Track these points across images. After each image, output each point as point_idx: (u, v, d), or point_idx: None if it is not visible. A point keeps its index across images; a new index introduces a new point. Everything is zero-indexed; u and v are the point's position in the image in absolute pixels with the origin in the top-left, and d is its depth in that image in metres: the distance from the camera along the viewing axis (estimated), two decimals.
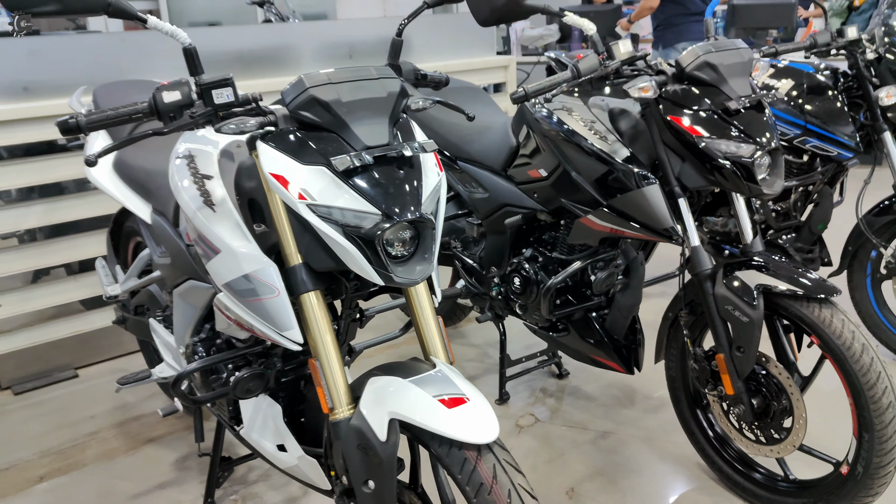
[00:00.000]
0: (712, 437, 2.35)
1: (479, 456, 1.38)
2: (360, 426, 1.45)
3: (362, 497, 1.48)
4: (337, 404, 1.51)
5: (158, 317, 2.34)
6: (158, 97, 1.47)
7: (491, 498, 1.34)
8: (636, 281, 2.42)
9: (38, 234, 3.16)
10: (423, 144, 1.49)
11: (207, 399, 1.87)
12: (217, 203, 1.59)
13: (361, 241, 1.40)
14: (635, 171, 2.11)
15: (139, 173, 2.27)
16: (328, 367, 1.52)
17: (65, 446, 2.72)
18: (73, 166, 3.13)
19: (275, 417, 1.86)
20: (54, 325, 3.25)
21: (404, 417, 1.41)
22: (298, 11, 6.24)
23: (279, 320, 1.53)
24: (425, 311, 1.64)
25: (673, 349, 2.36)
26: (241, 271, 1.54)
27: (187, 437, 2.75)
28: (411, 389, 1.44)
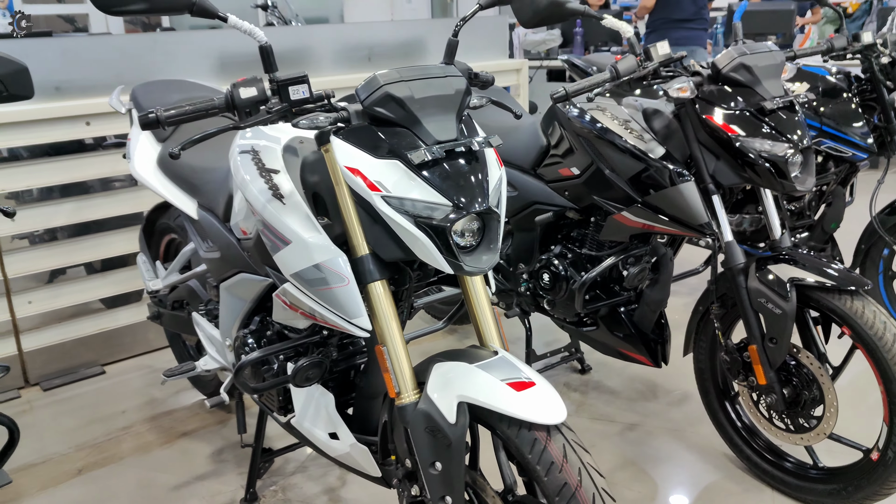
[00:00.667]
0: (740, 428, 2.42)
1: (549, 436, 1.44)
2: (427, 409, 1.51)
3: (429, 478, 1.53)
4: (403, 389, 1.57)
5: (201, 310, 2.39)
6: (235, 93, 1.53)
7: (562, 476, 1.40)
8: (665, 276, 2.49)
9: (58, 233, 3.19)
10: (488, 139, 1.55)
11: (268, 387, 1.92)
12: (286, 196, 1.65)
13: (432, 231, 1.47)
14: (671, 168, 2.18)
15: (185, 170, 2.32)
16: (395, 353, 1.58)
17: (99, 440, 2.76)
18: (102, 165, 3.18)
19: (327, 406, 1.92)
20: (80, 323, 3.28)
21: (473, 400, 1.47)
22: (301, 15, 6.30)
23: (349, 308, 1.58)
24: (481, 301, 1.71)
25: (702, 342, 2.44)
26: (311, 261, 1.60)
27: (220, 430, 2.80)
28: (479, 374, 1.50)
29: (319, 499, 2.39)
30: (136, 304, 3.39)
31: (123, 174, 3.26)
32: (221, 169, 2.19)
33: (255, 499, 2.37)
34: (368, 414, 1.98)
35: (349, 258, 1.59)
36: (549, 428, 1.45)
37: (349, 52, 3.82)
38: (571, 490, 1.39)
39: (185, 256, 2.44)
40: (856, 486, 2.11)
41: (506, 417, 1.46)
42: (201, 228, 2.25)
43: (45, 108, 2.98)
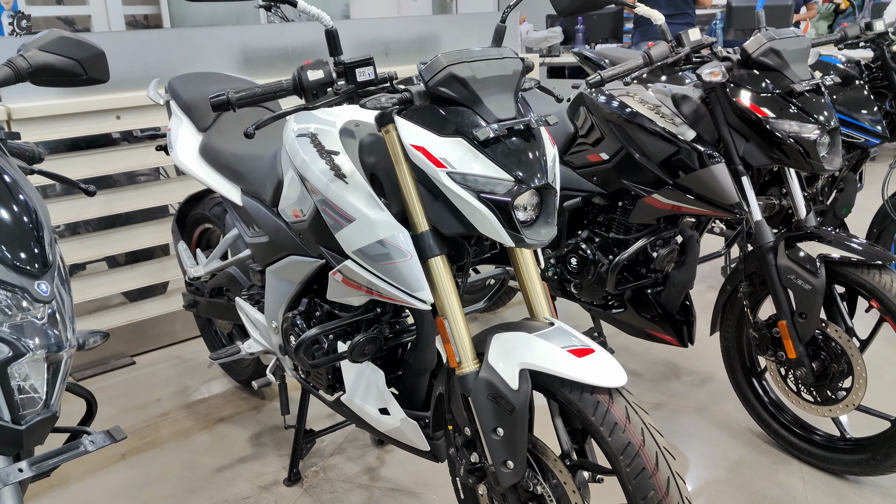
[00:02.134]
0: (767, 403, 2.51)
1: (611, 399, 1.51)
2: (489, 378, 1.58)
3: (492, 444, 1.60)
4: (464, 359, 1.64)
5: (244, 295, 2.45)
6: (303, 76, 1.60)
7: (625, 436, 1.48)
8: (692, 257, 2.57)
9: (91, 226, 3.24)
10: (545, 118, 1.62)
11: (325, 362, 1.98)
12: (348, 175, 1.71)
13: (494, 205, 1.54)
14: (703, 150, 2.26)
15: (228, 158, 2.38)
16: (455, 325, 1.65)
17: (138, 426, 2.82)
18: (132, 159, 3.23)
19: (377, 382, 1.98)
20: (109, 314, 3.33)
21: (536, 367, 1.54)
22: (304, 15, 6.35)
23: (411, 282, 1.65)
24: (532, 276, 1.78)
25: (729, 321, 2.52)
26: (375, 237, 1.66)
27: (256, 416, 2.85)
28: (539, 342, 1.57)
29: (361, 478, 2.45)
30: (162, 296, 3.44)
31: (150, 167, 3.31)
32: (267, 156, 2.25)
33: (298, 478, 2.43)
34: (416, 390, 2.04)
35: (410, 235, 1.66)
36: (610, 391, 1.52)
37: (366, 47, 3.88)
38: (635, 449, 1.47)
39: (227, 243, 2.50)
40: (884, 455, 2.19)
41: (568, 382, 1.54)
42: (246, 214, 2.30)
43: (76, 102, 3.03)
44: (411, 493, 2.36)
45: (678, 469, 1.49)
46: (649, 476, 1.45)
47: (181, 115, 2.59)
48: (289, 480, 2.42)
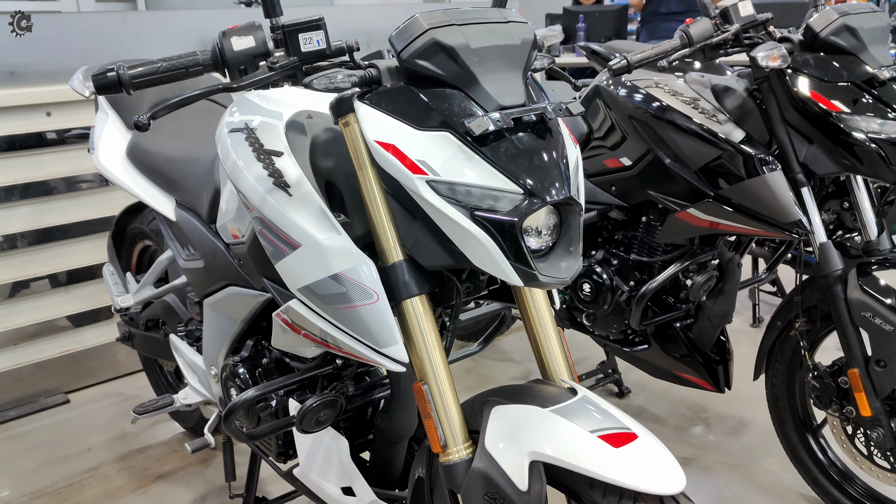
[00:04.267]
0: (827, 466, 2.04)
1: None
2: (487, 471, 1.12)
3: None
4: (451, 441, 1.18)
5: (180, 332, 1.98)
6: (226, 45, 1.14)
7: None
8: (731, 286, 2.12)
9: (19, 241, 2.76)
10: (566, 105, 1.16)
11: (267, 432, 1.52)
12: (292, 185, 1.25)
13: (495, 228, 1.07)
14: (755, 154, 1.81)
15: (160, 161, 1.92)
16: (440, 394, 1.19)
17: (59, 485, 2.33)
18: (64, 162, 2.76)
19: (340, 453, 1.53)
20: (39, 344, 2.85)
21: (554, 460, 1.08)
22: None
23: (378, 333, 1.18)
24: (545, 322, 1.32)
25: (778, 364, 2.06)
26: (328, 270, 1.20)
27: (203, 472, 2.38)
28: (558, 422, 1.11)
29: None
30: (105, 322, 2.96)
31: (91, 172, 2.83)
32: (205, 159, 1.79)
33: None
34: (391, 463, 1.59)
35: (377, 267, 1.19)
36: (662, 499, 1.06)
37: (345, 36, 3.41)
38: None
39: (160, 266, 2.03)
40: None
41: (600, 484, 1.07)
42: (180, 232, 1.84)
43: None
44: None
45: None
46: None
47: (108, 109, 2.13)
48: None
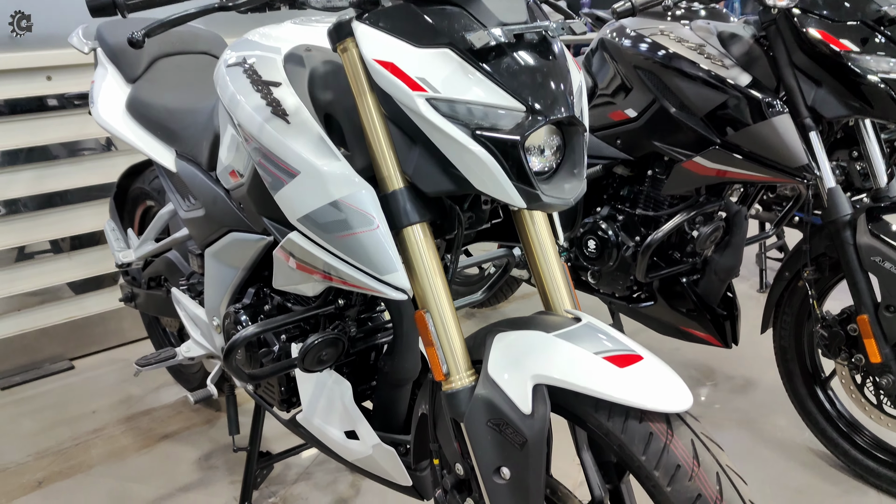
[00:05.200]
0: (835, 417, 2.02)
1: (671, 430, 1.03)
2: (490, 396, 1.10)
3: (493, 490, 1.12)
4: (454, 369, 1.16)
5: (182, 286, 1.96)
6: None
7: (693, 484, 0.99)
8: (738, 238, 2.09)
9: (21, 206, 2.74)
10: (568, 24, 1.14)
11: (268, 374, 1.50)
12: (290, 113, 1.23)
13: (496, 146, 1.05)
14: (762, 98, 1.78)
15: (160, 113, 1.90)
16: (442, 321, 1.16)
17: (65, 446, 2.33)
18: (66, 127, 2.74)
19: (343, 397, 1.51)
20: (43, 311, 2.84)
21: (558, 381, 1.06)
22: None
23: (378, 260, 1.16)
24: (548, 254, 1.30)
25: (786, 316, 2.03)
26: (328, 197, 1.18)
27: (208, 431, 2.37)
28: (561, 346, 1.09)
29: None
30: (109, 289, 2.95)
31: (93, 137, 2.82)
32: (205, 109, 1.77)
33: None
34: (394, 407, 1.57)
35: (378, 196, 1.17)
36: (669, 418, 1.04)
37: None
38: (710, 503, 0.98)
39: (161, 221, 2.01)
40: None
41: (605, 404, 1.05)
42: (181, 183, 1.82)
43: None
44: None
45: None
46: None
47: (107, 63, 2.10)
48: None
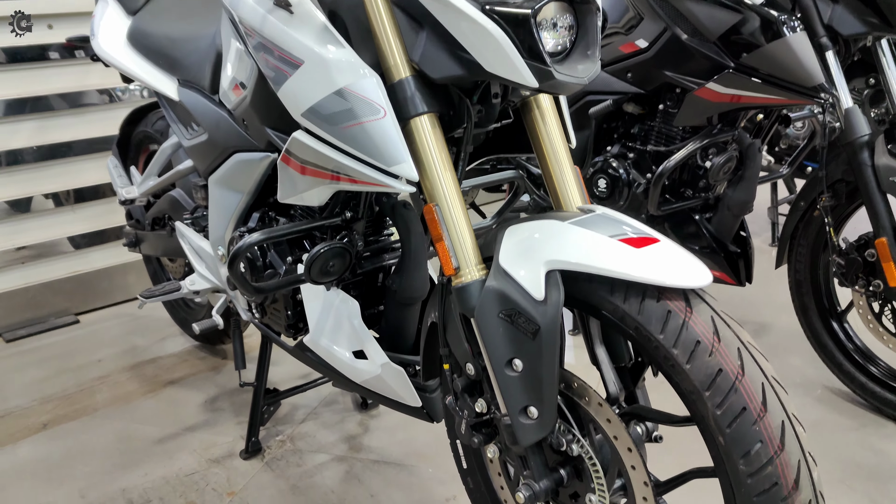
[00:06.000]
0: (852, 350, 1.98)
1: (689, 307, 0.99)
2: (500, 288, 1.06)
3: (506, 383, 1.09)
4: (464, 263, 1.12)
5: (186, 220, 1.93)
6: None
7: (714, 360, 0.96)
8: (752, 171, 2.05)
9: (24, 158, 2.71)
10: None
11: (274, 287, 1.48)
12: (294, 3, 1.19)
13: (507, 21, 1.02)
14: (777, 15, 1.73)
15: (161, 42, 1.87)
16: (450, 215, 1.13)
17: (70, 391, 2.31)
18: (68, 77, 2.71)
19: (350, 316, 1.48)
20: (47, 264, 2.82)
21: (572, 265, 1.02)
22: None
23: (386, 150, 1.13)
24: (560, 157, 1.26)
25: (802, 248, 2.00)
26: (333, 86, 1.14)
27: (214, 377, 2.34)
28: (576, 231, 1.06)
29: (337, 448, 1.94)
30: (114, 243, 2.92)
31: (95, 88, 2.79)
32: (206, 35, 1.73)
33: (258, 449, 1.92)
34: (403, 327, 1.55)
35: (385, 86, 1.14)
36: (687, 294, 1.00)
37: None
38: (730, 379, 0.94)
39: (164, 154, 1.98)
40: None
41: (621, 287, 1.02)
42: (184, 111, 1.79)
43: None
44: (401, 466, 1.85)
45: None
46: (753, 420, 0.93)
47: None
48: (246, 452, 1.91)
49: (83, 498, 1.79)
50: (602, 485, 1.11)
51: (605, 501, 1.12)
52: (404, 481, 1.79)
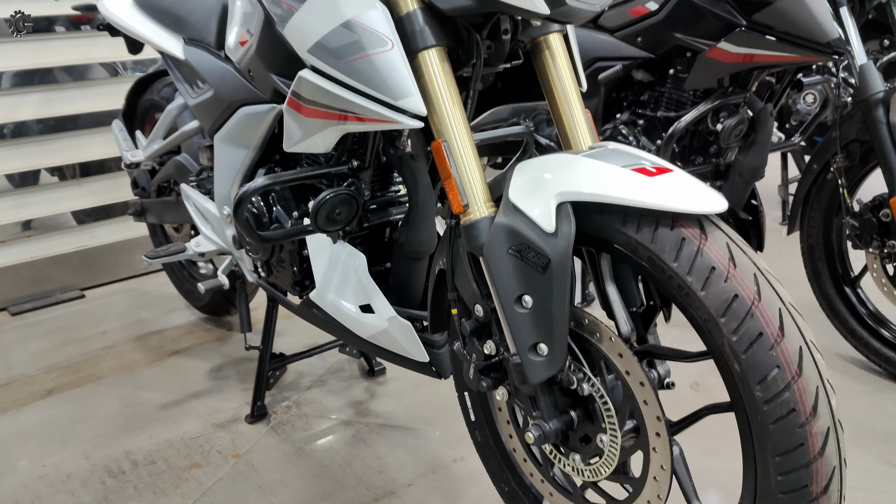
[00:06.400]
0: (865, 315, 1.96)
1: (704, 234, 0.97)
2: (510, 222, 1.05)
3: (516, 321, 1.07)
4: (473, 200, 1.10)
5: (192, 182, 1.92)
6: None
7: (730, 285, 0.93)
8: (764, 136, 2.02)
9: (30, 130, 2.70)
10: None
11: (279, 237, 1.46)
12: None
13: None
14: None
15: (167, 1, 1.85)
16: (459, 151, 1.11)
17: (75, 361, 2.29)
18: (74, 51, 2.70)
19: (357, 269, 1.46)
20: (53, 238, 2.81)
21: (583, 196, 1.00)
22: None
23: (393, 83, 1.11)
24: (571, 100, 1.24)
25: (815, 213, 1.97)
26: (339, 17, 1.13)
27: (219, 347, 2.33)
28: (587, 163, 1.04)
29: (343, 412, 1.92)
30: (120, 218, 2.91)
31: (101, 61, 2.78)
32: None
33: (263, 413, 1.91)
34: (410, 282, 1.53)
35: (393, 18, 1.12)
36: (701, 222, 0.98)
37: None
38: (746, 304, 0.92)
39: (169, 116, 1.97)
40: None
41: (633, 216, 1.00)
42: (189, 70, 1.77)
43: None
44: (407, 430, 1.83)
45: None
46: (770, 346, 0.91)
47: None
48: (251, 416, 1.90)
49: (87, 459, 1.77)
50: (614, 424, 1.09)
51: (617, 442, 1.10)
52: (411, 444, 1.77)
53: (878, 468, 1.61)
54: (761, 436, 0.93)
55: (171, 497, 1.62)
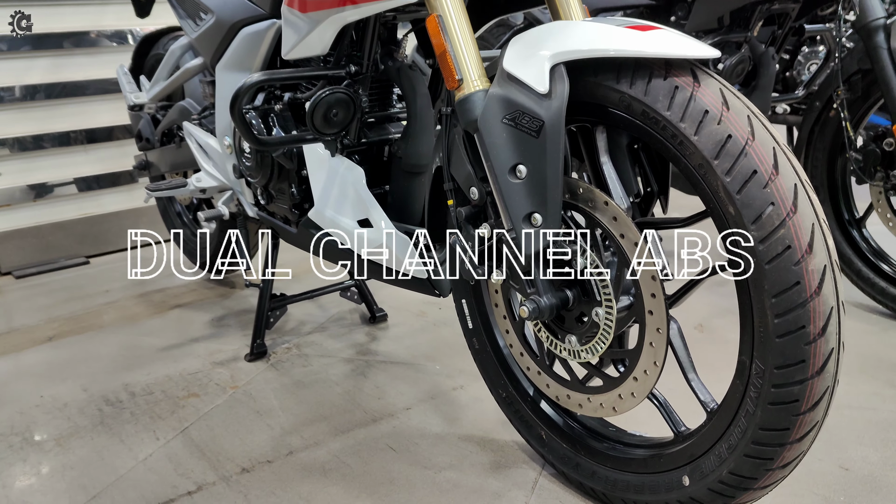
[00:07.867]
0: (868, 253, 1.93)
1: (697, 81, 0.96)
2: (504, 92, 1.05)
3: (509, 192, 1.06)
4: (467, 73, 1.10)
5: (194, 120, 1.92)
6: None
7: (723, 126, 0.92)
8: (766, 80, 2.02)
9: (37, 95, 2.72)
10: None
11: (276, 142, 1.45)
12: None
13: None
14: None
15: None
16: (453, 24, 1.11)
17: (77, 313, 2.29)
18: (83, 17, 2.74)
19: (355, 184, 1.45)
20: (58, 205, 2.82)
21: (577, 53, 1.00)
22: None
23: None
24: None
25: (818, 152, 1.95)
26: None
27: (221, 301, 2.32)
28: (580, 25, 1.04)
29: (344, 352, 1.90)
30: (126, 187, 2.92)
31: (110, 29, 2.81)
32: None
33: (263, 352, 1.89)
34: (409, 196, 1.52)
35: None
36: (694, 70, 0.97)
37: None
38: (741, 143, 0.91)
39: (173, 57, 1.98)
40: None
41: (627, 71, 0.99)
42: (192, 3, 1.79)
43: None
44: (408, 364, 1.81)
45: None
46: (764, 183, 0.90)
47: None
48: (251, 355, 1.88)
49: (85, 391, 1.76)
50: (609, 295, 1.08)
51: (612, 315, 1.08)
52: (411, 376, 1.75)
53: (884, 391, 1.59)
54: (757, 279, 0.91)
55: (168, 421, 1.61)
